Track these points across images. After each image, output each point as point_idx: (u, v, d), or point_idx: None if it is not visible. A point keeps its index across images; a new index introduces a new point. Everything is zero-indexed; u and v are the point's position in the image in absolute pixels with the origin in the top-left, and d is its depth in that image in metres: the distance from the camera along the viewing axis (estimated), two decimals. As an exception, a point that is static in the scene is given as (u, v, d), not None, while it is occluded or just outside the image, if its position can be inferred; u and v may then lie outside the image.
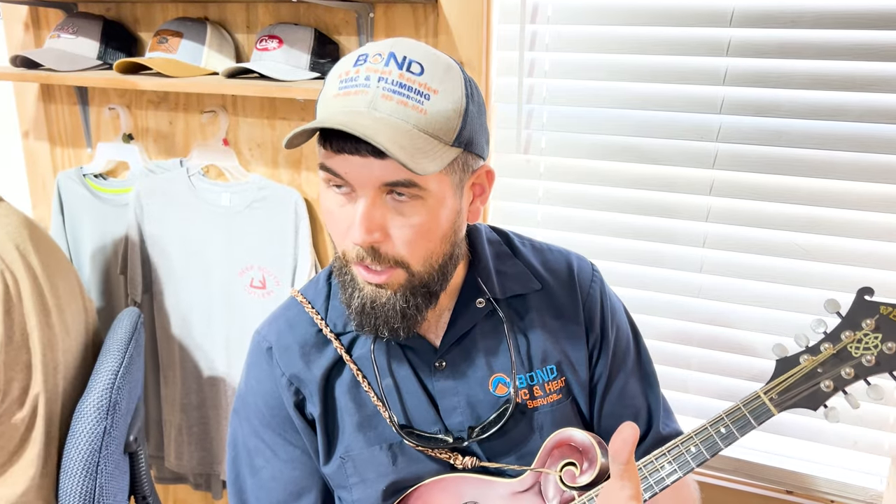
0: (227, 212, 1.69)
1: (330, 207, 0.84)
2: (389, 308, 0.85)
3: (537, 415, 0.94)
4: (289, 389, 0.95)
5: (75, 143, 1.90)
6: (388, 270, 0.83)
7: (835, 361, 0.83)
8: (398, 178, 0.78)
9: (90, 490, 1.30)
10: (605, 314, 1.00)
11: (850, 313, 0.84)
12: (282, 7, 1.60)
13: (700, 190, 1.40)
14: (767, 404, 0.84)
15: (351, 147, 0.77)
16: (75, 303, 1.38)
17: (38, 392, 1.27)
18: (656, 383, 1.04)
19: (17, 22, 1.86)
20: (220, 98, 1.71)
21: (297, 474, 0.97)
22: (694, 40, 1.34)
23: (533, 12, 1.44)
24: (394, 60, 0.80)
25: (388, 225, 0.81)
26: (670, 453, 0.84)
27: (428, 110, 0.79)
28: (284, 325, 0.98)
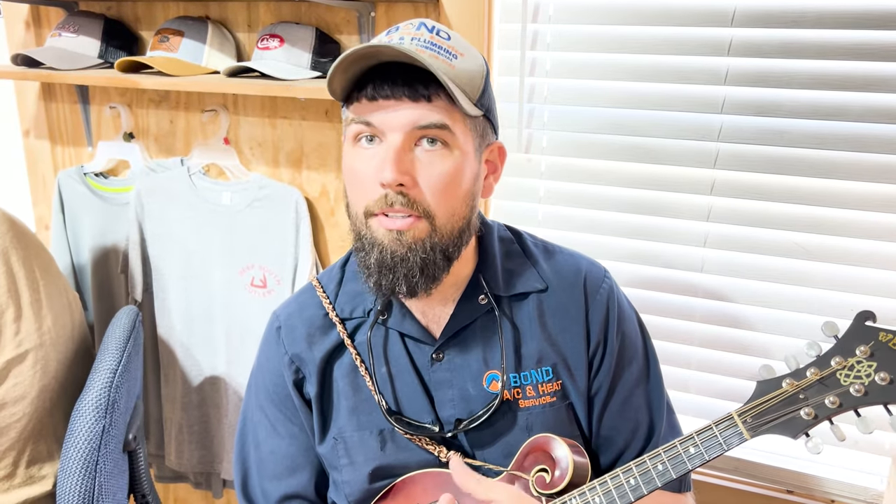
0: (228, 211, 1.69)
1: (356, 165, 0.86)
2: (410, 259, 0.85)
3: (527, 414, 0.94)
4: (290, 368, 1.00)
5: (76, 141, 1.90)
6: (414, 218, 0.84)
7: (819, 388, 0.77)
8: (432, 119, 0.82)
9: (89, 489, 1.29)
10: (610, 322, 0.98)
11: (844, 337, 0.79)
12: (283, 6, 1.60)
13: (701, 189, 1.40)
14: (740, 427, 0.79)
15: (387, 91, 0.81)
16: (59, 300, 1.37)
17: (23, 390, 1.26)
18: (662, 397, 1.02)
19: (18, 20, 1.86)
20: (221, 97, 1.71)
21: (293, 450, 1.02)
22: (695, 40, 1.34)
23: (534, 11, 1.44)
24: (424, 27, 0.86)
25: (416, 172, 0.83)
26: (637, 468, 0.82)
27: (456, 66, 0.84)
28: (295, 307, 1.03)
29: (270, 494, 1.03)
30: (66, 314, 1.37)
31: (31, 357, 1.27)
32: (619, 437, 0.99)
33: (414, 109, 0.82)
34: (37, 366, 1.28)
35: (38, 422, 1.29)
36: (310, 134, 1.65)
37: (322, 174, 1.67)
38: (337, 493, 1.00)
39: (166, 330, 1.81)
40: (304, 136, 1.66)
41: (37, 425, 1.29)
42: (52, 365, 1.31)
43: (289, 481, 1.02)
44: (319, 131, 1.64)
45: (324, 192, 1.68)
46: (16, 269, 1.28)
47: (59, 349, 1.33)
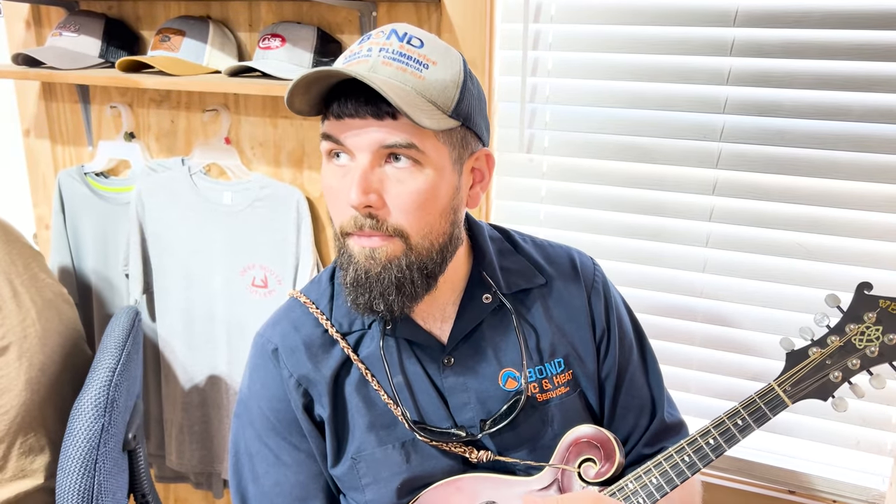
0: (229, 210, 1.69)
1: (329, 182, 0.85)
2: (385, 278, 0.84)
3: (548, 407, 0.95)
4: (297, 391, 0.94)
5: (77, 141, 1.90)
6: (386, 238, 0.83)
7: (842, 353, 0.87)
8: (396, 139, 0.80)
9: (88, 488, 1.29)
10: (610, 307, 1.01)
11: (851, 307, 0.88)
12: (284, 5, 1.60)
13: (703, 189, 1.40)
14: (781, 395, 0.87)
15: (350, 109, 0.79)
16: (44, 294, 1.36)
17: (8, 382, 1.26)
18: (659, 374, 1.05)
19: (19, 20, 1.85)
20: (223, 97, 1.71)
21: (301, 478, 0.96)
22: (697, 40, 1.34)
23: (536, 11, 1.44)
24: (395, 35, 0.83)
25: (384, 191, 0.81)
26: (690, 446, 0.87)
27: (426, 77, 0.81)
28: (289, 327, 0.97)
29: None
30: (53, 308, 1.37)
31: (15, 349, 1.27)
32: (629, 416, 1.01)
33: (379, 128, 0.79)
34: (21, 358, 1.27)
35: (26, 414, 1.28)
36: (311, 133, 1.65)
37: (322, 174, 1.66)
38: None
39: (167, 330, 1.80)
40: (305, 135, 1.66)
41: (26, 418, 1.28)
42: (38, 357, 1.30)
43: None
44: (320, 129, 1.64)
45: (325, 192, 1.67)
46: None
47: (45, 342, 1.32)
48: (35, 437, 1.31)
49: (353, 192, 0.79)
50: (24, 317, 1.29)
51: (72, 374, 1.39)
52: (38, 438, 1.32)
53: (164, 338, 1.81)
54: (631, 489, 0.86)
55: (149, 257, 1.78)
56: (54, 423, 1.34)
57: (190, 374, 1.80)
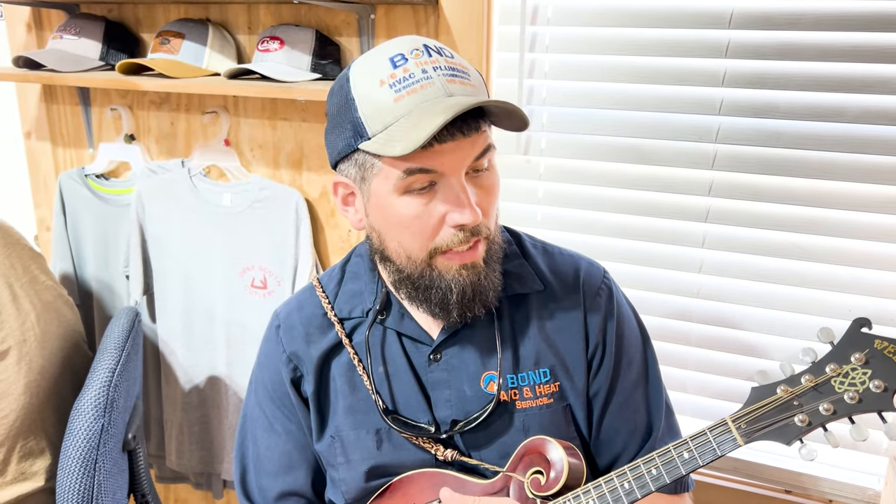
0: (229, 212, 1.69)
1: (411, 212, 0.85)
2: (487, 284, 0.89)
3: (524, 416, 0.95)
4: (287, 366, 1.01)
5: (77, 143, 1.91)
6: (476, 244, 0.87)
7: (813, 395, 0.78)
8: (483, 147, 0.84)
9: (88, 488, 1.30)
10: (609, 323, 0.98)
11: (840, 344, 0.79)
12: (283, 8, 1.60)
13: (699, 191, 1.41)
14: (734, 433, 0.79)
15: (446, 135, 0.80)
16: (43, 296, 1.37)
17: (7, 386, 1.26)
18: (661, 398, 1.01)
19: (20, 22, 1.87)
20: (222, 99, 1.72)
21: (289, 447, 1.03)
22: (693, 42, 1.35)
23: (533, 13, 1.44)
24: (432, 50, 0.84)
25: (477, 201, 0.85)
26: (631, 472, 0.83)
27: (474, 84, 0.85)
28: (295, 306, 1.04)
29: (268, 491, 1.04)
30: (53, 311, 1.38)
31: (14, 353, 1.28)
32: (618, 438, 0.99)
33: (470, 144, 0.82)
34: (21, 362, 1.28)
35: (26, 417, 1.29)
36: (310, 135, 1.66)
37: (322, 175, 1.67)
38: (334, 491, 1.01)
39: (167, 330, 1.81)
40: (304, 137, 1.67)
41: (25, 421, 1.29)
42: (37, 361, 1.31)
43: (286, 478, 1.03)
44: (319, 133, 1.65)
45: (324, 194, 1.68)
46: None
47: (45, 345, 1.33)
48: (35, 439, 1.32)
49: (469, 213, 0.83)
50: (24, 320, 1.30)
51: (72, 375, 1.39)
52: (38, 441, 1.32)
53: (164, 338, 1.82)
54: None
55: (149, 258, 1.79)
56: (54, 426, 1.34)
57: (190, 375, 1.81)
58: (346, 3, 1.45)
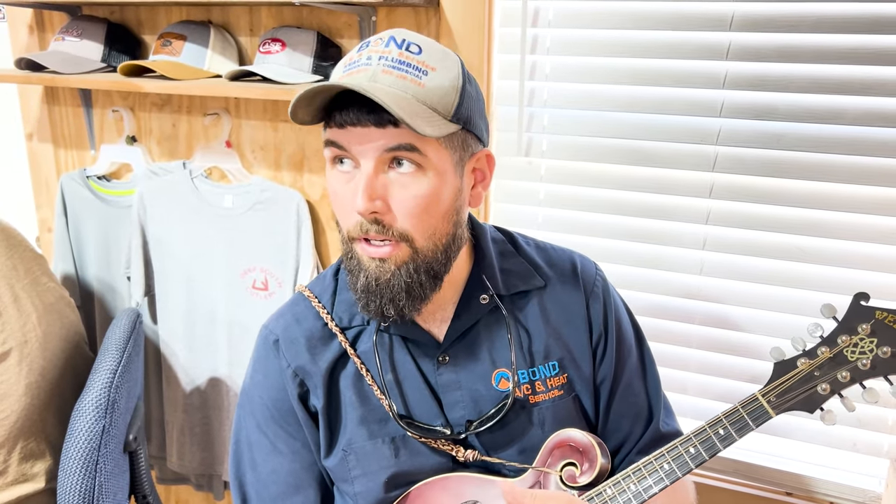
0: (230, 213, 1.70)
1: (335, 188, 0.87)
2: (395, 284, 0.86)
3: (538, 410, 0.96)
4: (293, 381, 0.97)
5: (79, 145, 1.91)
6: (392, 244, 0.85)
7: (831, 365, 0.85)
8: (399, 141, 0.81)
9: (89, 489, 1.30)
10: (609, 312, 1.01)
11: (846, 318, 0.86)
12: (285, 10, 1.61)
13: (700, 193, 1.41)
14: (765, 406, 0.85)
15: (353, 118, 0.80)
16: (45, 298, 1.37)
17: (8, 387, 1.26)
18: (658, 381, 1.05)
19: (22, 24, 1.87)
20: (224, 100, 1.72)
21: (296, 467, 0.99)
22: (694, 44, 1.35)
23: (534, 16, 1.45)
24: (393, 42, 0.84)
25: (389, 196, 0.83)
26: (669, 454, 0.86)
27: (426, 84, 0.82)
28: (291, 319, 1.00)
29: None
30: (54, 313, 1.38)
31: (16, 354, 1.28)
32: (625, 422, 1.01)
33: (381, 135, 0.81)
34: (22, 363, 1.28)
35: (27, 419, 1.29)
36: (311, 137, 1.66)
37: (323, 177, 1.68)
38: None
39: (168, 332, 1.81)
40: (305, 139, 1.67)
41: (26, 422, 1.29)
42: (38, 362, 1.31)
43: (294, 499, 0.99)
44: (321, 135, 1.64)
45: (325, 195, 1.69)
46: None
47: (46, 346, 1.33)
48: (36, 441, 1.32)
49: (360, 199, 0.81)
50: (25, 322, 1.30)
51: (73, 377, 1.40)
52: (39, 442, 1.33)
53: (166, 340, 1.82)
54: (609, 495, 0.86)
55: (150, 260, 1.79)
56: (55, 427, 1.34)
57: (191, 376, 1.81)
58: (347, 6, 1.46)
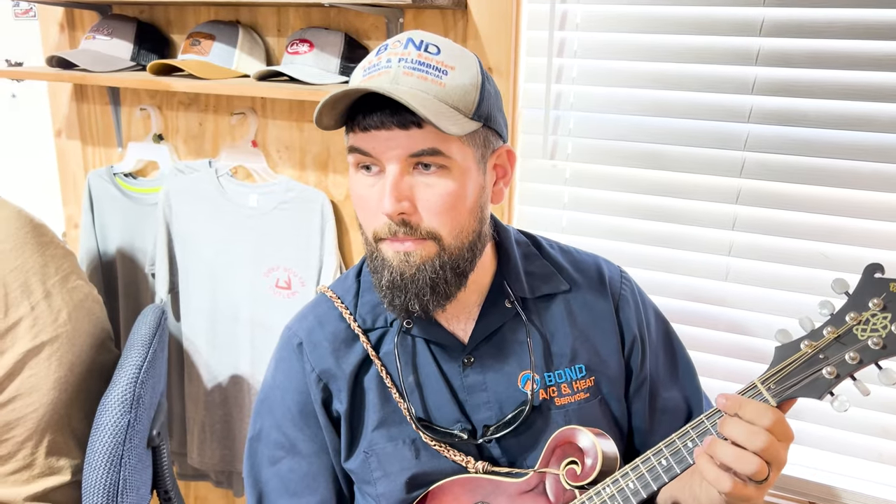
0: (255, 212, 1.71)
1: (359, 191, 0.88)
2: (420, 279, 0.87)
3: (564, 412, 0.96)
4: (317, 385, 0.98)
5: (106, 142, 1.93)
6: (419, 241, 0.86)
7: (838, 346, 0.77)
8: (424, 146, 0.82)
9: (114, 483, 1.31)
10: (641, 315, 1.01)
11: (856, 293, 0.79)
12: (313, 11, 1.62)
13: (727, 198, 1.40)
14: (764, 394, 0.80)
15: (377, 121, 0.81)
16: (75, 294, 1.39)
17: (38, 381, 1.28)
18: (693, 375, 1.05)
19: (53, 22, 1.89)
20: (250, 100, 1.73)
21: (313, 469, 1.00)
22: (723, 49, 1.34)
23: (562, 19, 1.45)
24: (412, 44, 0.85)
25: (415, 197, 0.84)
26: (667, 448, 0.83)
27: (446, 84, 0.83)
28: (314, 322, 1.01)
29: None
30: (83, 309, 1.39)
31: (47, 349, 1.29)
32: (667, 418, 1.02)
33: (406, 138, 0.82)
34: (52, 358, 1.30)
35: (54, 413, 1.31)
36: (337, 138, 1.67)
37: (348, 178, 1.68)
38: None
39: (191, 329, 1.83)
40: (330, 139, 1.68)
41: (53, 416, 1.31)
42: (67, 357, 1.33)
43: (310, 499, 1.00)
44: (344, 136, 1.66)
45: (349, 196, 1.69)
46: (30, 265, 1.31)
47: (75, 342, 1.35)
48: (62, 435, 1.33)
49: (387, 202, 0.82)
50: (56, 317, 1.31)
51: (99, 372, 1.41)
52: (65, 436, 1.34)
53: (189, 337, 1.84)
54: (608, 493, 0.85)
55: (175, 257, 1.80)
56: (81, 422, 1.36)
57: (213, 374, 1.83)
58: (375, 7, 1.46)
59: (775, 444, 0.75)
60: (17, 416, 1.25)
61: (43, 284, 1.31)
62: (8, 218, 1.33)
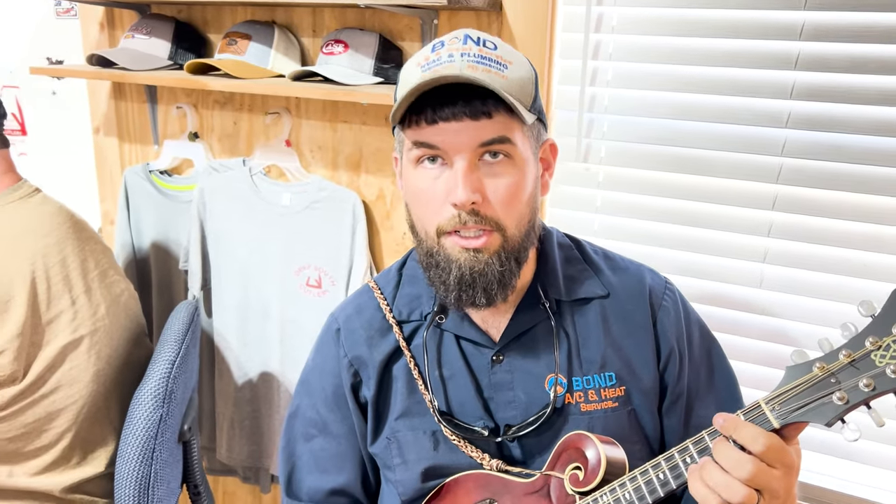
0: (287, 211, 1.72)
1: (421, 186, 0.88)
2: (489, 272, 0.88)
3: (589, 418, 0.95)
4: (348, 371, 1.02)
5: (143, 139, 1.96)
6: (486, 234, 0.87)
7: (852, 371, 0.72)
8: (494, 135, 0.84)
9: (145, 475, 1.33)
10: (681, 328, 1.00)
11: (879, 316, 0.73)
12: (348, 12, 1.63)
13: (762, 204, 1.38)
14: (768, 415, 0.75)
15: (448, 113, 0.83)
16: (113, 289, 1.41)
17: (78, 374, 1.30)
18: (733, 397, 1.03)
19: (93, 22, 1.93)
20: (285, 100, 1.75)
21: (343, 449, 1.04)
22: (762, 53, 1.32)
23: (597, 21, 1.44)
24: (470, 39, 0.87)
25: (484, 188, 0.86)
26: (666, 462, 0.82)
27: (508, 77, 0.85)
28: (353, 310, 1.05)
29: (318, 488, 1.05)
30: (120, 304, 1.42)
31: (86, 342, 1.32)
32: None
33: (476, 128, 0.84)
34: (91, 351, 1.32)
35: (92, 405, 1.33)
36: (369, 138, 1.68)
37: (379, 178, 1.69)
38: (390, 492, 1.02)
39: (222, 325, 1.85)
40: (363, 140, 1.69)
41: (91, 408, 1.33)
42: (105, 351, 1.35)
43: (337, 477, 1.04)
44: (378, 136, 1.66)
45: (381, 196, 1.70)
46: (70, 260, 1.33)
47: (112, 336, 1.37)
48: (99, 426, 1.36)
49: (461, 191, 0.84)
50: (95, 311, 1.34)
51: (134, 366, 1.43)
52: (102, 428, 1.36)
53: (220, 333, 1.86)
54: (605, 502, 0.85)
55: (208, 254, 1.83)
56: (116, 414, 1.38)
57: (243, 370, 1.85)
58: (410, 9, 1.47)
59: (765, 473, 0.72)
60: (58, 407, 1.28)
61: (83, 279, 1.34)
62: (51, 213, 1.36)
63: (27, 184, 1.38)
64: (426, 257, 0.92)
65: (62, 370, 1.28)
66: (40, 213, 1.35)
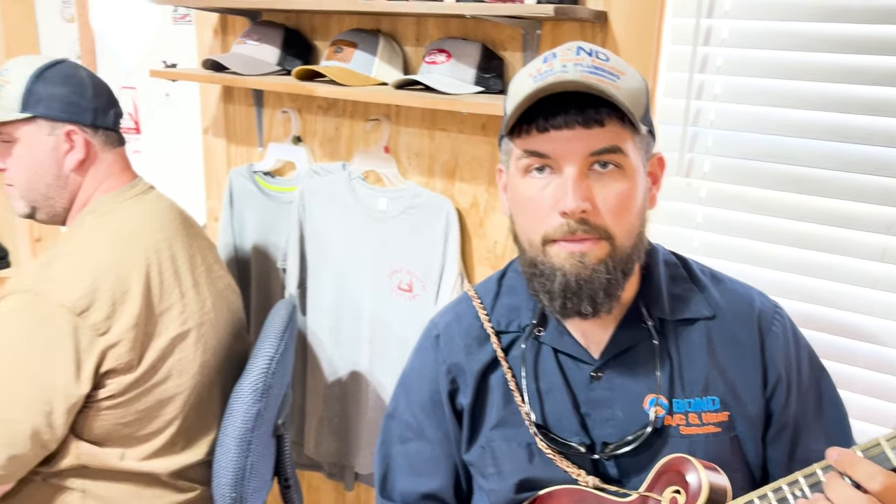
0: (383, 216, 1.76)
1: (528, 194, 0.88)
2: (595, 280, 0.87)
3: (690, 442, 0.93)
4: (446, 377, 1.03)
5: (248, 141, 2.04)
6: (594, 241, 0.86)
7: None
8: (606, 144, 0.84)
9: (242, 467, 1.38)
10: (791, 355, 0.96)
11: None
12: (451, 22, 1.65)
13: (876, 228, 1.31)
14: (888, 453, 0.72)
15: (560, 122, 0.83)
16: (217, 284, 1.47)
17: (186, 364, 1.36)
18: (842, 431, 0.98)
19: (208, 28, 2.02)
20: (385, 107, 1.78)
21: (437, 454, 1.05)
22: (882, 69, 1.26)
23: (706, 33, 1.40)
24: (583, 51, 0.87)
25: (594, 197, 0.85)
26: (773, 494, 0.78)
27: (622, 87, 0.85)
28: (453, 317, 1.06)
29: (411, 491, 1.06)
30: (224, 299, 1.48)
31: (193, 335, 1.38)
32: None
33: (588, 136, 0.84)
34: (198, 343, 1.38)
35: (198, 395, 1.39)
36: (465, 147, 1.69)
37: (474, 186, 1.70)
38: (482, 501, 1.02)
39: (316, 324, 1.90)
40: (459, 148, 1.70)
41: (197, 398, 1.39)
42: (210, 343, 1.41)
43: (430, 482, 1.05)
44: (475, 145, 1.68)
45: (474, 204, 1.71)
46: (179, 255, 1.40)
47: (217, 329, 1.43)
48: (203, 415, 1.42)
49: (570, 199, 0.84)
50: (202, 304, 1.40)
51: (235, 360, 1.49)
52: (205, 417, 1.43)
53: (313, 331, 1.91)
54: None
55: (305, 254, 1.88)
56: (218, 405, 1.44)
57: (334, 368, 1.89)
58: (514, 19, 1.47)
59: None
60: (168, 395, 1.35)
61: (192, 273, 1.40)
62: (163, 210, 1.44)
63: (142, 181, 1.47)
64: (529, 267, 0.91)
65: (172, 360, 1.34)
66: (154, 209, 1.43)
